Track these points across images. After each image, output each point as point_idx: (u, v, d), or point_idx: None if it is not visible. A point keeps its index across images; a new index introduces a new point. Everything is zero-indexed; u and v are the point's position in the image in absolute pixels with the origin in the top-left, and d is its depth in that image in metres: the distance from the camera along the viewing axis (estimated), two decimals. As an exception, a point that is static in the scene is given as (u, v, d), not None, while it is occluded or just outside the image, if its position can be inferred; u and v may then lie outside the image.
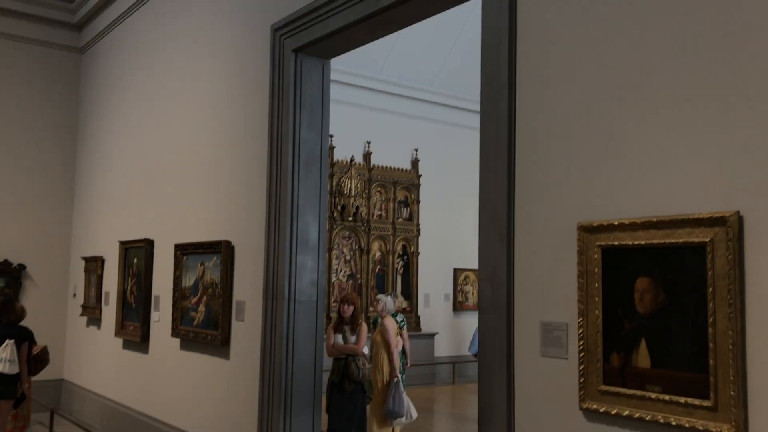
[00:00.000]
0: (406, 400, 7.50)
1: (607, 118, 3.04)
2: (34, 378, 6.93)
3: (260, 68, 5.61)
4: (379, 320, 7.59)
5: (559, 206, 3.19)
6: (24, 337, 6.44)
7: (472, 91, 9.42)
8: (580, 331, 3.00)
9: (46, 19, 9.26)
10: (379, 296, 7.91)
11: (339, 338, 6.55)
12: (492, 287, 3.48)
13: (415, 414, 7.65)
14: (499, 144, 3.51)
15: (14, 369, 6.20)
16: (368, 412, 6.98)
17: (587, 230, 2.99)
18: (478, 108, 3.76)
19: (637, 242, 2.80)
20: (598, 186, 3.05)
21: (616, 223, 2.88)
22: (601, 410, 2.89)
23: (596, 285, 2.94)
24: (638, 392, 2.77)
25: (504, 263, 3.42)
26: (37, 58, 9.29)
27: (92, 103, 9.14)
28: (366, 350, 6.79)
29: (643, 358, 2.77)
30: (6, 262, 8.88)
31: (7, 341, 6.20)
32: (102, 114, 8.79)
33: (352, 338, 6.63)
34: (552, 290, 3.20)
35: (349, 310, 6.67)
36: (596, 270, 2.94)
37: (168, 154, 7.02)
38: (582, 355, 2.99)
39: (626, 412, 2.80)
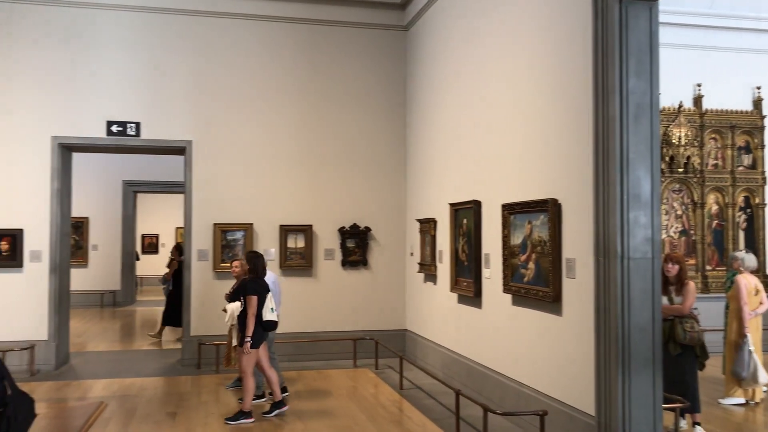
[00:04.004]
0: (751, 362, 6.98)
1: None
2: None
3: (581, 18, 5.46)
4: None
5: None
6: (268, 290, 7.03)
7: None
8: None
9: (373, 2, 10.16)
10: (736, 253, 7.64)
11: (664, 299, 6.17)
12: None
13: (764, 378, 6.98)
14: None
15: (276, 317, 6.90)
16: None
17: None
18: None
19: None
20: None
21: None
22: None
23: None
24: None
25: None
26: (368, 39, 10.26)
27: (418, 75, 9.81)
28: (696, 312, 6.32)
29: None
30: (355, 225, 10.08)
31: (270, 293, 6.86)
32: (428, 84, 9.39)
33: (678, 299, 6.20)
34: None
35: (673, 269, 6.25)
36: None
37: (492, 116, 7.24)
38: None
39: None
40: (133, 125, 9.35)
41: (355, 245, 10.08)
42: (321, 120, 10.03)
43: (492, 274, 7.14)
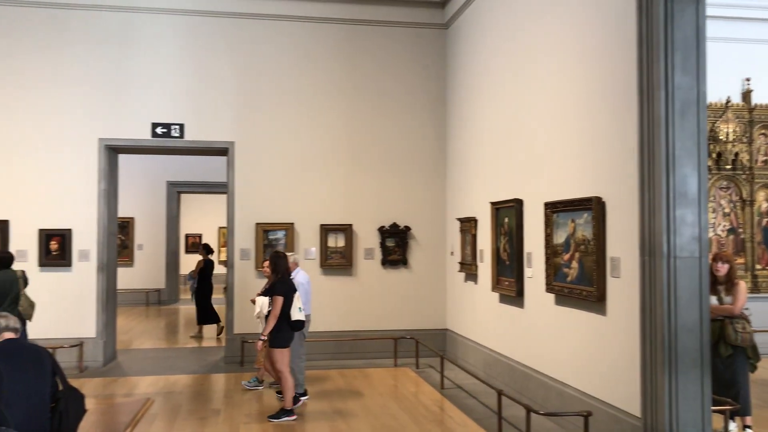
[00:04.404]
0: None
1: None
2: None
3: (625, 13, 5.37)
4: None
5: None
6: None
7: None
8: None
9: (412, 1, 10.15)
10: None
11: (713, 299, 6.02)
12: None
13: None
14: None
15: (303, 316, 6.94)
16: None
17: None
18: None
19: None
20: None
21: None
22: None
23: None
24: None
25: None
26: (407, 38, 10.25)
27: (458, 73, 9.77)
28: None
29: None
30: (395, 225, 10.09)
31: (297, 293, 6.91)
32: (468, 82, 9.35)
33: (727, 299, 6.05)
34: None
35: (723, 268, 6.09)
36: None
37: (533, 113, 7.17)
38: None
39: None
40: (177, 127, 9.52)
41: (395, 244, 10.09)
42: (361, 119, 10.07)
43: (534, 273, 7.07)
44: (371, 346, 9.77)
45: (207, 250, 12.49)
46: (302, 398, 7.34)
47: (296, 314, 6.79)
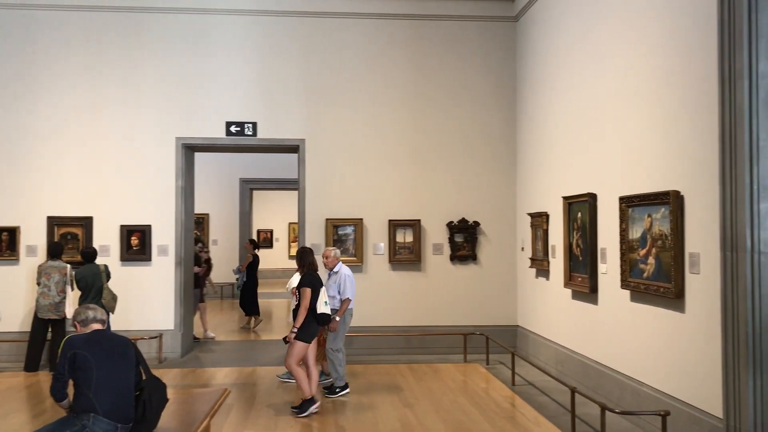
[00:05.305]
0: None
1: None
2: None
3: (705, 1, 5.19)
4: None
5: None
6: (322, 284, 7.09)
7: None
8: None
9: (482, -5, 10.09)
10: None
11: None
12: None
13: None
14: None
15: (329, 310, 6.95)
16: None
17: None
18: None
19: None
20: None
21: None
22: None
23: None
24: None
25: None
26: (475, 32, 10.17)
27: (529, 66, 9.64)
28: None
29: None
30: (463, 220, 10.04)
31: (323, 287, 6.93)
32: (539, 75, 9.20)
33: None
34: None
35: None
36: None
37: (608, 106, 7.01)
38: None
39: None
40: (250, 125, 9.75)
41: (464, 240, 10.05)
42: (429, 114, 10.06)
43: (608, 269, 6.92)
44: (440, 341, 9.77)
45: (254, 245, 12.90)
46: (343, 391, 7.35)
47: (322, 308, 6.80)
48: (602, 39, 7.13)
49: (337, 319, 7.38)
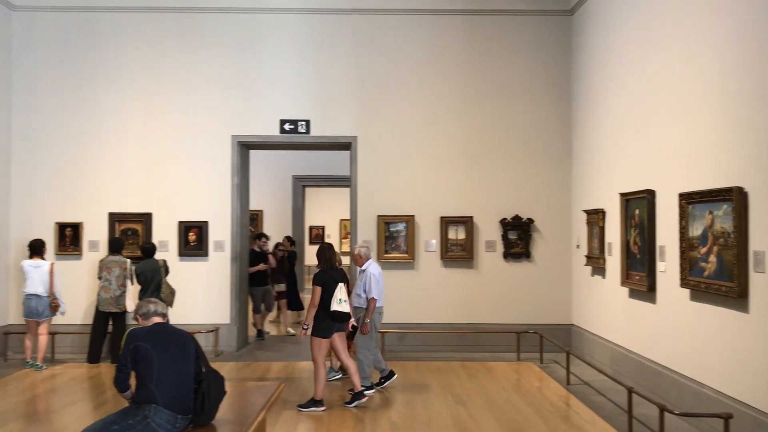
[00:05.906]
0: None
1: None
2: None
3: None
4: None
5: None
6: (346, 279, 7.04)
7: None
8: None
9: (536, -12, 9.96)
10: None
11: None
12: None
13: None
14: None
15: (348, 308, 6.87)
16: None
17: None
18: None
19: None
20: None
21: None
22: None
23: None
24: None
25: None
26: (529, 26, 10.05)
27: (584, 60, 9.47)
28: None
29: None
30: (517, 217, 9.94)
31: (340, 284, 6.85)
32: (595, 70, 9.03)
33: None
34: None
35: None
36: None
37: (668, 100, 6.83)
38: None
39: None
40: (303, 123, 9.85)
41: (518, 237, 9.94)
42: (482, 110, 9.99)
43: (667, 267, 6.75)
44: (493, 339, 9.70)
45: (291, 241, 13.01)
46: (367, 392, 7.23)
47: (335, 305, 6.77)
48: (663, 30, 6.94)
49: (367, 321, 7.34)
